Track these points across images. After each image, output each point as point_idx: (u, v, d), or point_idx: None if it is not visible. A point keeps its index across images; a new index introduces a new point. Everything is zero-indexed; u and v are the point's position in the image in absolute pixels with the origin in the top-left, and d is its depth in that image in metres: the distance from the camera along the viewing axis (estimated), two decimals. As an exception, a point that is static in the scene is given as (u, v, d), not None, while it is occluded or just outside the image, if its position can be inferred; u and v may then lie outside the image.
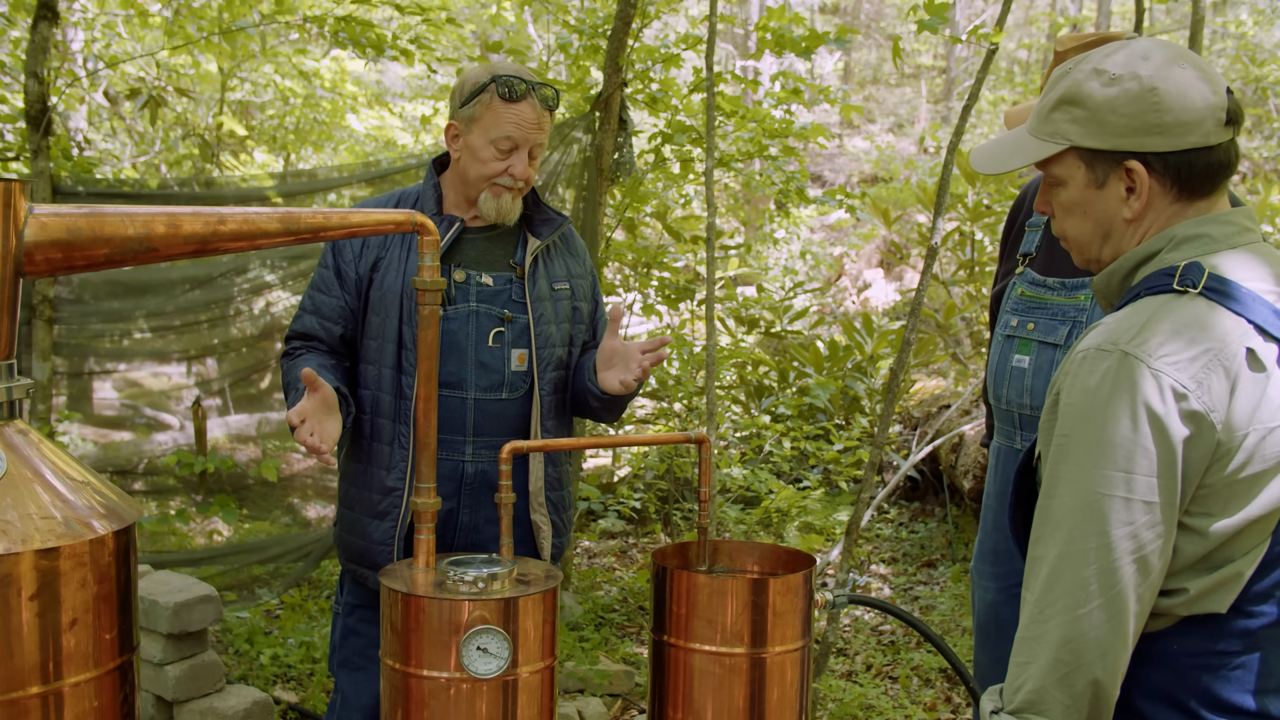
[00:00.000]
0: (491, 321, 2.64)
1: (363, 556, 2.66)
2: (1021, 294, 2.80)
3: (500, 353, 2.64)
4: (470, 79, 2.61)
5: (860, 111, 7.79)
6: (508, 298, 2.66)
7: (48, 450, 1.72)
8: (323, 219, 2.00)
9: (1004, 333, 2.81)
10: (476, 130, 2.58)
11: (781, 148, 6.49)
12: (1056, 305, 2.72)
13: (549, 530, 2.72)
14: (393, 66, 15.02)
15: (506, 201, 2.64)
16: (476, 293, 2.63)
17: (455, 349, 2.60)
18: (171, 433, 6.47)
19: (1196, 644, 1.61)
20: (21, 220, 1.65)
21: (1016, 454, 2.76)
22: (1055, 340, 2.68)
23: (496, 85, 2.54)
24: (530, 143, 2.60)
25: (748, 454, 7.56)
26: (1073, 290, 2.71)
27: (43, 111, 5.11)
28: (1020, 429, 2.76)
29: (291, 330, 2.70)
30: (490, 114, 2.56)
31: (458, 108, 2.60)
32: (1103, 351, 1.58)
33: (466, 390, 2.61)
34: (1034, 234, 2.89)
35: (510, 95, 2.54)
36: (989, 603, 2.88)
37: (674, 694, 2.19)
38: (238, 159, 10.71)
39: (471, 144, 2.59)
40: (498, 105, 2.55)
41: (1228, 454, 1.54)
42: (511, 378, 2.66)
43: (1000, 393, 2.78)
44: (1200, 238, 1.66)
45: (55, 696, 1.59)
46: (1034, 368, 2.70)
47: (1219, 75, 1.67)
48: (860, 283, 13.90)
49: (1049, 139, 1.73)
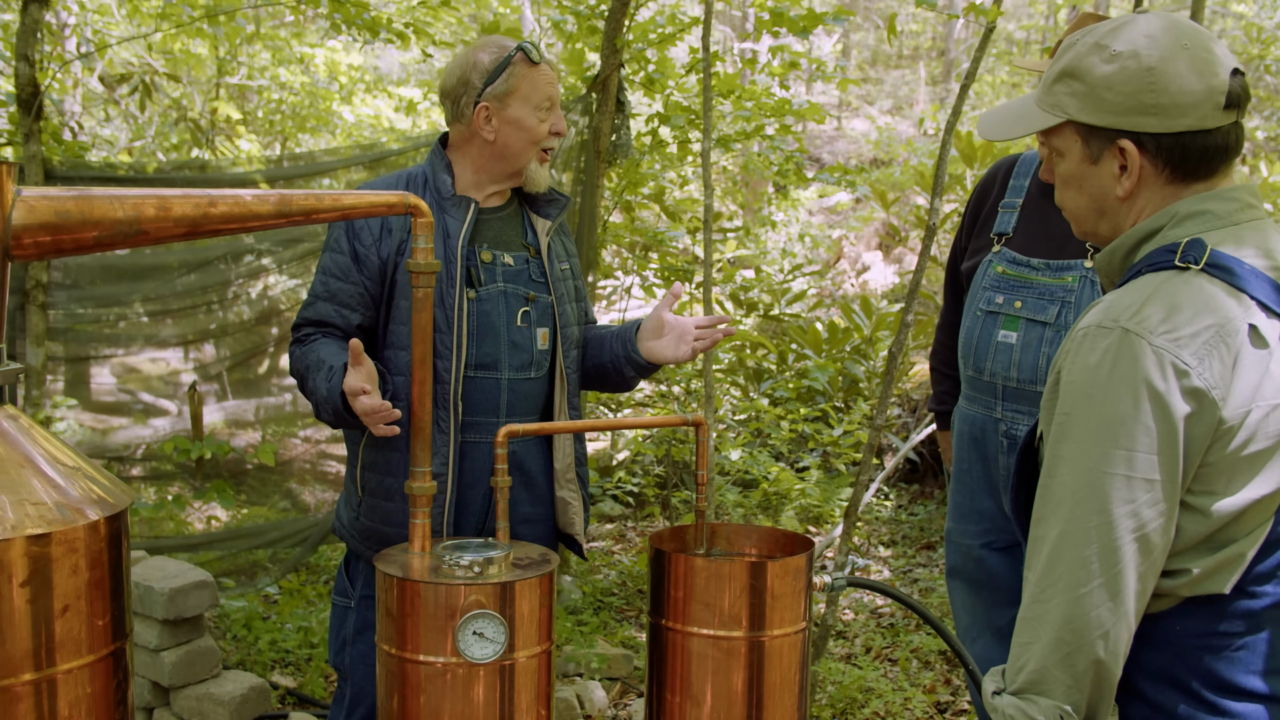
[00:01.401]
0: (519, 301, 2.65)
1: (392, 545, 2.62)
2: (1003, 272, 2.89)
3: (528, 332, 2.65)
4: (482, 60, 2.60)
5: (859, 84, 7.75)
6: (528, 277, 2.68)
7: (39, 436, 1.70)
8: (315, 201, 1.98)
9: (985, 309, 2.90)
10: (515, 101, 2.60)
11: (779, 127, 6.45)
12: (1044, 285, 2.81)
13: (579, 504, 2.74)
14: (389, 52, 14.96)
15: (545, 169, 2.70)
16: (503, 272, 2.64)
17: (490, 330, 2.60)
18: (169, 418, 6.45)
19: (1199, 625, 1.60)
20: (9, 203, 1.63)
21: (995, 422, 2.87)
22: (1045, 319, 2.78)
23: (523, 53, 2.59)
24: (559, 99, 2.68)
25: (746, 437, 7.55)
26: (1059, 271, 2.80)
27: (34, 95, 5.08)
28: (1002, 400, 2.87)
29: (302, 317, 2.63)
30: (526, 81, 2.59)
31: (480, 90, 2.58)
32: (1103, 329, 1.56)
33: (501, 371, 2.61)
34: (1009, 214, 2.97)
35: (535, 58, 2.61)
36: (976, 557, 3.00)
37: (672, 678, 2.18)
38: (233, 144, 10.67)
39: (513, 116, 2.60)
40: (529, 71, 2.60)
41: (1230, 432, 1.53)
42: (539, 356, 2.67)
43: (983, 365, 2.89)
44: (1203, 214, 1.64)
45: (48, 683, 1.58)
46: (1022, 343, 2.80)
47: (1226, 56, 1.64)
48: (859, 265, 13.87)
49: (1050, 110, 1.72)
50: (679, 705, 2.17)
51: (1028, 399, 2.81)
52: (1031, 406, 2.80)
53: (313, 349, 2.55)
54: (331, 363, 2.46)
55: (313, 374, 2.50)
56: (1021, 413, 2.83)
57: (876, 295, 11.34)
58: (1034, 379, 2.78)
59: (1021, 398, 2.82)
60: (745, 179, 12.06)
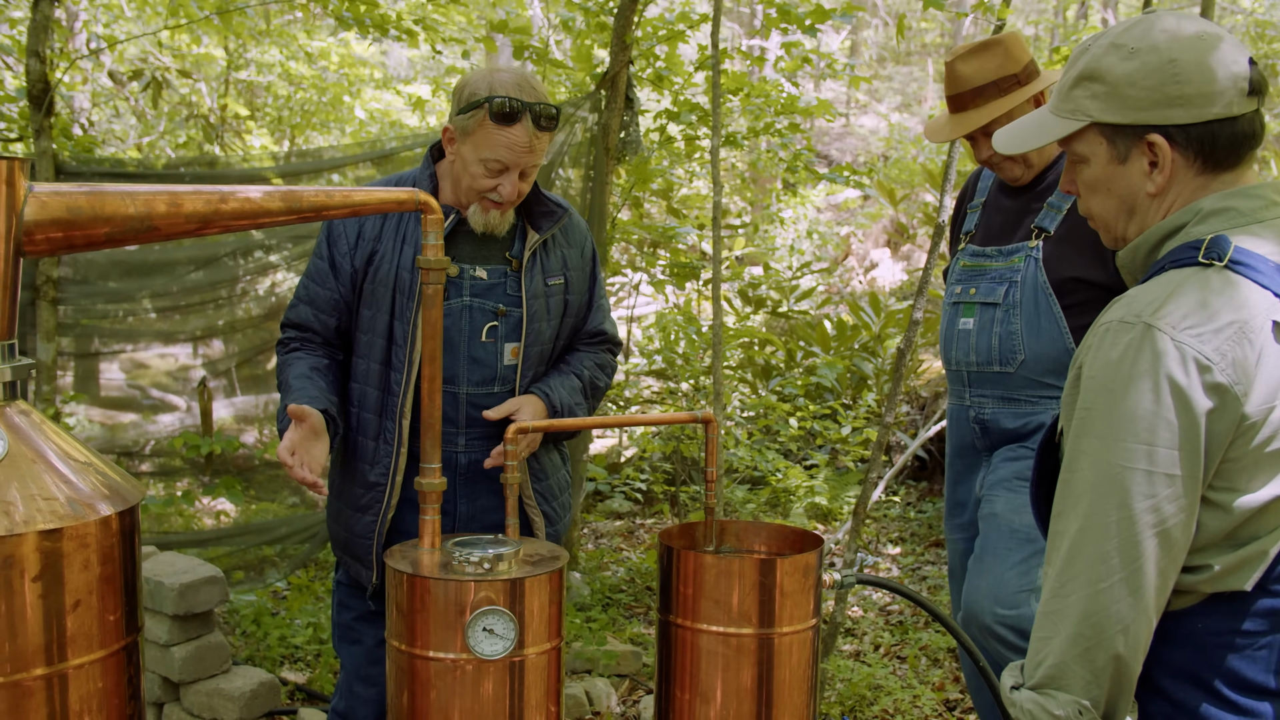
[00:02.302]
0: (485, 316, 2.60)
1: (345, 546, 2.68)
2: (964, 265, 3.03)
3: (494, 347, 2.61)
4: (469, 88, 2.52)
5: (869, 82, 7.74)
6: (502, 291, 2.62)
7: (50, 431, 1.70)
8: (325, 198, 1.98)
9: (950, 301, 3.03)
10: (469, 144, 2.51)
11: (788, 124, 6.44)
12: (995, 270, 2.92)
13: (541, 521, 2.70)
14: (397, 49, 14.96)
15: (495, 216, 2.58)
16: (470, 287, 2.60)
17: (448, 345, 2.56)
18: (178, 414, 6.46)
19: (1221, 623, 1.60)
20: (21, 199, 1.64)
21: (966, 410, 2.95)
22: (994, 300, 2.88)
23: (490, 105, 2.44)
24: (521, 165, 2.51)
25: (755, 434, 7.55)
26: (1008, 255, 2.91)
27: (45, 91, 5.09)
28: (969, 386, 2.96)
29: (286, 318, 2.68)
30: (482, 132, 2.47)
31: (455, 113, 2.54)
32: (1125, 324, 1.56)
33: (458, 385, 2.59)
34: (974, 214, 3.13)
35: (503, 118, 2.45)
36: (962, 551, 3.08)
37: (681, 674, 2.18)
38: (242, 140, 10.68)
39: (464, 156, 2.53)
40: (490, 126, 2.46)
41: (1252, 428, 1.52)
42: (504, 371, 2.63)
43: (950, 355, 3.00)
44: (1227, 211, 1.63)
45: (60, 678, 1.59)
46: (978, 327, 2.90)
47: (1241, 45, 1.64)
48: (867, 262, 13.85)
49: (1070, 116, 1.71)
50: (688, 702, 2.17)
51: (989, 381, 2.89)
52: (994, 389, 2.88)
53: (286, 365, 2.60)
54: (295, 389, 2.50)
55: (282, 395, 2.56)
56: (986, 396, 2.90)
57: (885, 292, 11.32)
58: (990, 360, 2.86)
59: (984, 381, 2.90)
60: (754, 176, 12.04)
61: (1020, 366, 2.81)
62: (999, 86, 2.83)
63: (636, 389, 7.71)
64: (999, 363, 2.85)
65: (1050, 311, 2.77)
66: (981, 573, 2.79)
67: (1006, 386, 2.86)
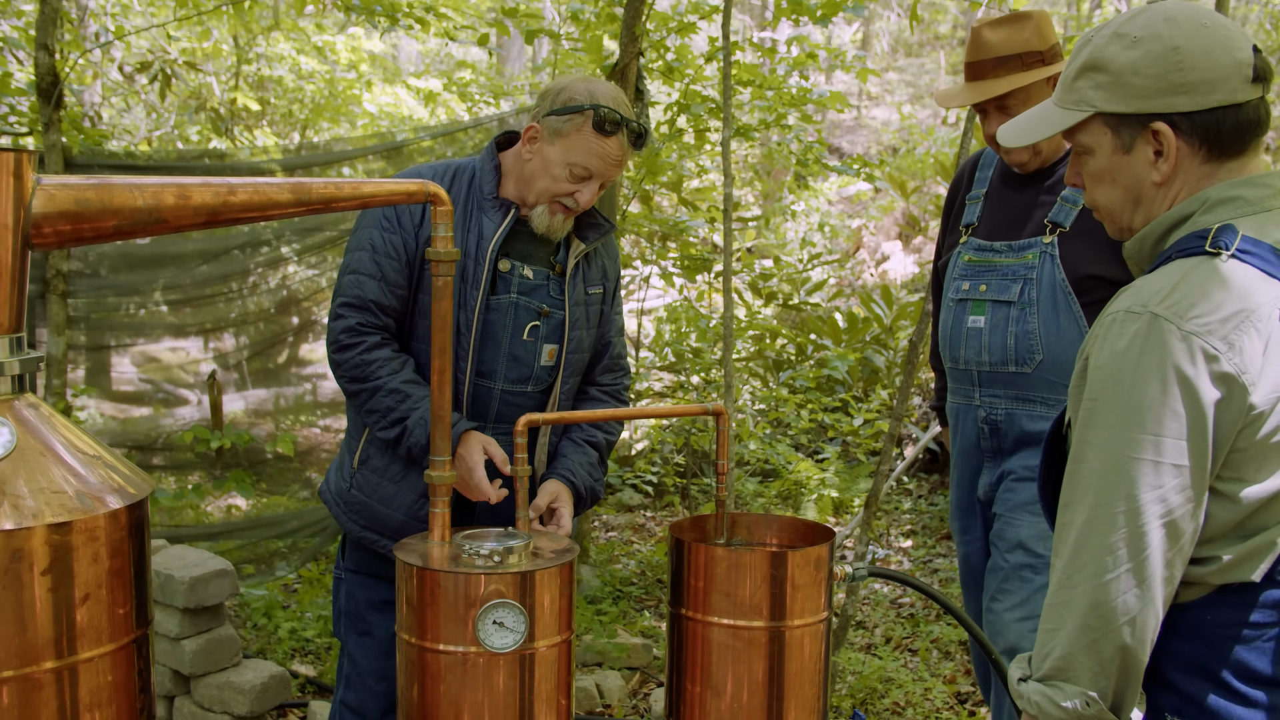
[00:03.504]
0: (529, 315, 2.60)
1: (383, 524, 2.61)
2: (969, 260, 2.92)
3: (533, 346, 2.61)
4: (569, 91, 2.52)
5: (878, 75, 7.70)
6: (546, 293, 2.63)
7: (59, 424, 1.70)
8: (334, 189, 1.97)
9: (954, 298, 2.92)
10: (559, 146, 2.51)
11: (800, 116, 6.42)
12: (1006, 266, 2.82)
13: None
14: (407, 43, 14.94)
15: (559, 220, 2.58)
16: (519, 284, 2.59)
17: (492, 340, 2.56)
18: (190, 408, 6.48)
19: (1229, 614, 1.58)
20: (29, 192, 1.63)
21: (975, 409, 2.87)
22: (1009, 298, 2.78)
23: (594, 113, 2.47)
24: (607, 177, 2.55)
25: (765, 427, 7.54)
26: (1019, 251, 2.81)
27: (54, 84, 5.09)
28: (979, 386, 2.87)
29: (350, 296, 2.53)
30: (578, 137, 2.49)
31: (545, 114, 2.53)
32: (1132, 314, 1.55)
33: (495, 380, 2.59)
34: (974, 206, 3.00)
35: (604, 128, 2.48)
36: (962, 555, 3.03)
37: (693, 667, 2.17)
38: (252, 134, 10.69)
39: (548, 156, 2.52)
40: (588, 133, 2.48)
41: (1260, 418, 1.51)
42: (540, 372, 2.63)
43: (957, 354, 2.89)
44: (1234, 200, 1.62)
45: (69, 671, 1.58)
46: (990, 325, 2.80)
47: (1244, 33, 1.64)
48: (878, 255, 13.81)
49: (1074, 107, 1.70)
50: (699, 695, 2.16)
51: (1003, 382, 2.80)
52: (1008, 389, 2.80)
53: (380, 364, 2.50)
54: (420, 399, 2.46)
55: (396, 404, 2.47)
56: (999, 396, 2.82)
57: (896, 285, 11.29)
58: (1004, 360, 2.78)
59: (997, 381, 2.82)
60: (766, 168, 12.01)
61: (1038, 367, 2.73)
62: (1023, 60, 2.74)
63: (648, 382, 7.70)
64: (1015, 363, 2.77)
65: (1070, 310, 2.70)
66: (1015, 606, 2.73)
67: (1022, 387, 2.77)
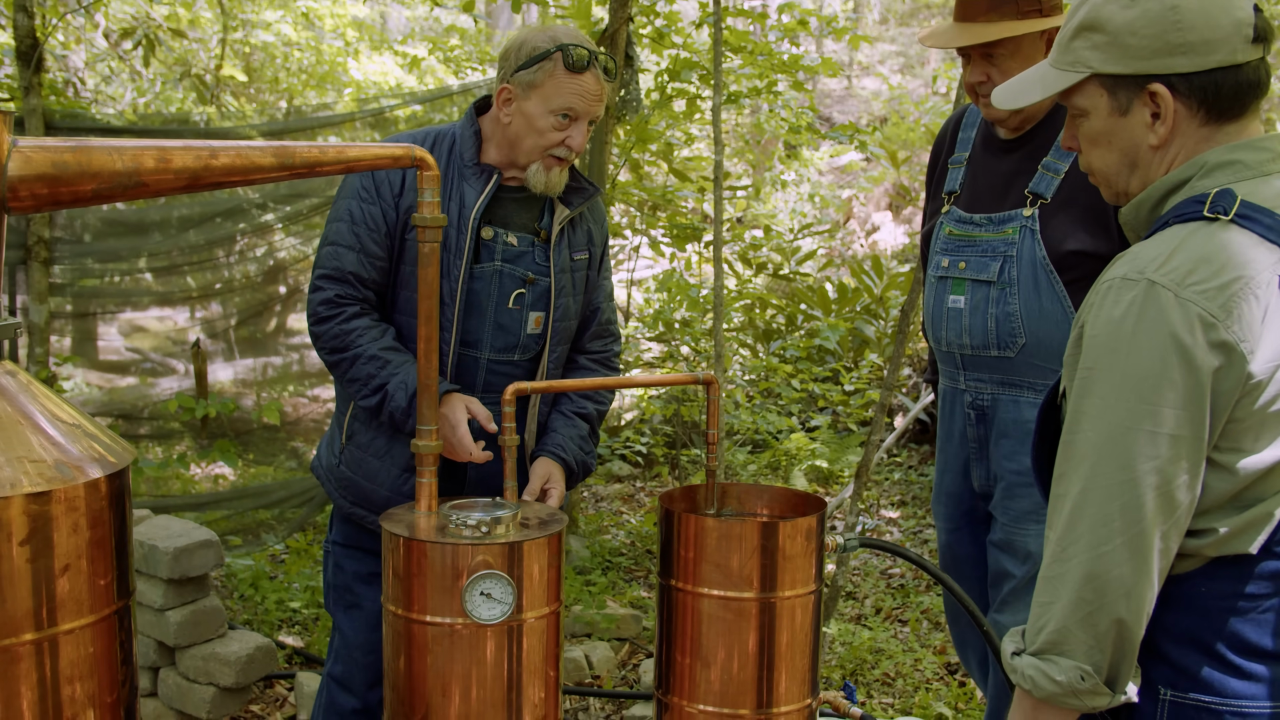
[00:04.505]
0: (514, 283, 2.57)
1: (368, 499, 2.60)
2: (950, 233, 2.76)
3: (519, 315, 2.58)
4: (530, 42, 2.49)
5: (870, 42, 7.64)
6: (531, 260, 2.60)
7: (38, 392, 1.67)
8: (318, 153, 1.93)
9: (936, 274, 2.77)
10: (535, 98, 2.48)
11: (791, 83, 6.37)
12: (985, 241, 2.67)
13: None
14: (396, 10, 14.80)
15: (556, 174, 2.55)
16: (502, 252, 2.57)
17: (476, 308, 2.54)
18: (177, 377, 6.44)
19: (1225, 586, 1.57)
20: (5, 154, 1.59)
21: (961, 393, 2.74)
22: (988, 277, 2.62)
23: (563, 54, 2.44)
24: (591, 114, 2.51)
25: (755, 396, 7.53)
26: (1000, 225, 2.65)
27: (33, 47, 5.01)
28: (963, 369, 2.72)
29: (329, 268, 2.52)
30: (553, 83, 2.46)
31: (512, 71, 2.49)
32: (1128, 281, 1.52)
33: (481, 350, 2.57)
34: (957, 170, 2.83)
35: (575, 65, 2.45)
36: (944, 543, 2.93)
37: (682, 639, 2.16)
38: (238, 102, 10.59)
39: (528, 111, 2.49)
40: (561, 74, 2.45)
41: (1258, 387, 1.49)
42: (526, 340, 2.61)
43: (939, 335, 2.75)
44: (1233, 164, 1.59)
45: (50, 643, 1.56)
46: (970, 306, 2.66)
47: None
48: (869, 225, 13.79)
49: (1069, 68, 1.67)
50: (689, 666, 2.15)
51: (987, 366, 2.66)
52: (993, 373, 2.66)
53: (360, 332, 2.49)
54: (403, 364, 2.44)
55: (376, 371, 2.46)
56: (984, 381, 2.68)
57: (886, 255, 11.28)
58: (986, 344, 2.64)
59: (980, 365, 2.67)
60: (756, 138, 11.95)
61: (1021, 351, 2.58)
62: (1019, 7, 2.58)
63: (637, 352, 7.68)
64: (996, 346, 2.62)
65: (1052, 290, 2.54)
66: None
67: (1007, 371, 2.62)
